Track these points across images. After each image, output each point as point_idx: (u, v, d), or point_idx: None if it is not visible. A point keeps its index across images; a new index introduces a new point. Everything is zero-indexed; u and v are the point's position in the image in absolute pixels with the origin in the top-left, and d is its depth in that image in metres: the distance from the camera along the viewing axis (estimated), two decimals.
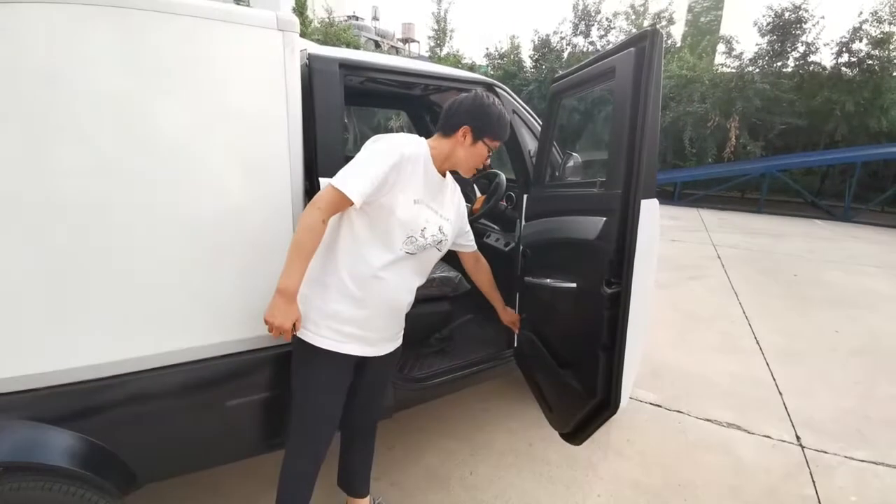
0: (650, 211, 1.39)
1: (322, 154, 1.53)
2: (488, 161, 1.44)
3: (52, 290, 1.20)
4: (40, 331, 1.21)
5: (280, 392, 1.57)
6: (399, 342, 1.55)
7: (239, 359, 1.48)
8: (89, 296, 1.24)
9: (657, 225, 1.58)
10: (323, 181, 1.49)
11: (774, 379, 2.93)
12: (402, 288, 1.39)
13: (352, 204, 1.21)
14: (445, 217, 1.42)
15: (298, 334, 1.35)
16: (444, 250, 1.46)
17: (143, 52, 1.21)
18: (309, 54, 1.54)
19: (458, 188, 1.53)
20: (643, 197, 1.34)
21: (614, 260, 1.39)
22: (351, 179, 1.21)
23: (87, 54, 1.16)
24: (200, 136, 1.32)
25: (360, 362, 1.45)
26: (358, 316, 1.35)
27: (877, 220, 8.40)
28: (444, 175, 1.44)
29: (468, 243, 1.66)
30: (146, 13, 1.19)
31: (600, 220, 1.47)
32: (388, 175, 1.24)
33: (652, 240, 1.54)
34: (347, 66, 1.64)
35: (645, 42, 1.31)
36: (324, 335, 1.34)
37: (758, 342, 3.44)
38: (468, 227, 1.63)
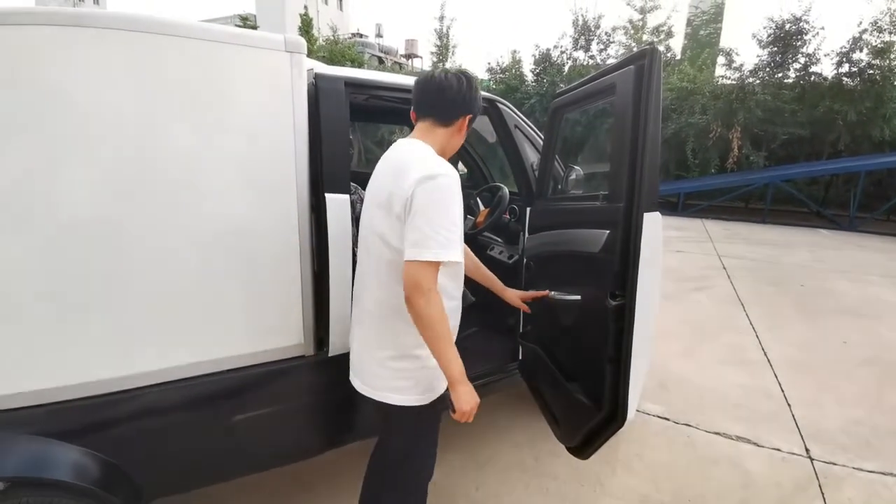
0: (653, 224, 1.40)
1: (328, 170, 1.55)
2: None
3: (59, 306, 1.22)
4: (47, 346, 1.23)
5: (285, 406, 1.58)
6: None
7: (245, 373, 1.49)
8: (96, 311, 1.26)
9: (660, 237, 1.59)
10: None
11: (783, 390, 2.90)
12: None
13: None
14: None
15: (412, 403, 1.29)
16: None
17: (157, 74, 1.25)
18: (315, 74, 1.58)
19: None
20: (645, 210, 1.35)
21: (618, 272, 1.40)
22: (446, 242, 1.12)
23: (104, 75, 1.20)
24: (211, 153, 1.35)
25: None
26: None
27: (882, 229, 8.34)
28: None
29: None
30: (161, 37, 1.24)
31: (603, 233, 1.49)
32: (461, 211, 1.21)
33: (655, 252, 1.55)
34: (353, 85, 1.67)
35: (644, 60, 1.34)
36: (429, 388, 1.30)
37: (765, 353, 3.41)
38: None
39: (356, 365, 1.39)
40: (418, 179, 1.13)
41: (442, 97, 1.26)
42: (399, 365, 1.27)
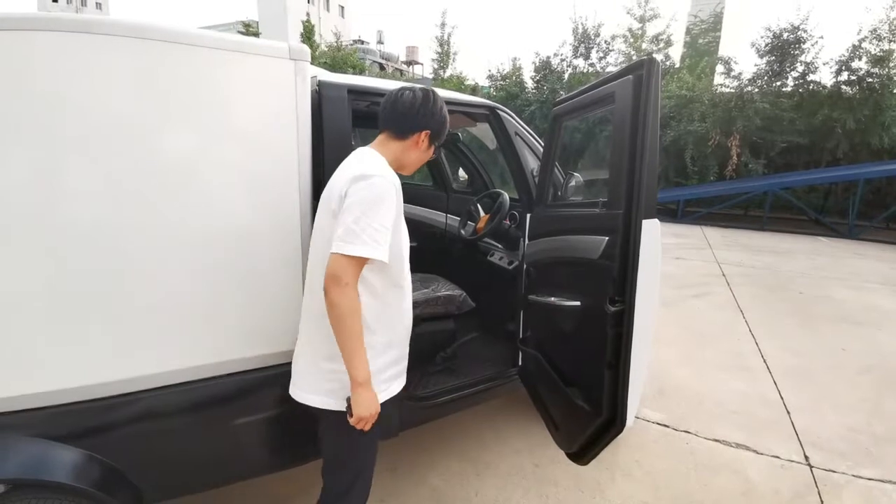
0: (651, 230, 1.42)
1: (330, 176, 1.57)
2: None
3: (60, 309, 1.23)
4: (47, 349, 1.23)
5: (285, 410, 1.58)
6: None
7: (246, 377, 1.50)
8: (97, 314, 1.27)
9: (659, 244, 1.61)
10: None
11: (782, 397, 2.90)
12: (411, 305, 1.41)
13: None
14: None
15: (337, 408, 1.26)
16: None
17: (161, 81, 1.27)
18: (319, 81, 1.60)
19: None
20: (644, 217, 1.37)
21: (617, 278, 1.41)
22: (370, 241, 1.12)
23: (109, 81, 1.22)
24: (215, 159, 1.37)
25: None
26: (398, 353, 1.36)
27: (881, 237, 8.37)
28: None
29: None
30: (166, 45, 1.26)
31: (603, 240, 1.50)
32: (394, 215, 1.21)
33: (654, 258, 1.57)
34: (355, 92, 1.69)
35: (642, 70, 1.36)
36: (377, 391, 1.27)
37: (764, 360, 3.42)
38: None
39: (294, 371, 1.36)
40: (352, 178, 1.17)
41: (393, 110, 1.31)
42: (330, 366, 1.24)
